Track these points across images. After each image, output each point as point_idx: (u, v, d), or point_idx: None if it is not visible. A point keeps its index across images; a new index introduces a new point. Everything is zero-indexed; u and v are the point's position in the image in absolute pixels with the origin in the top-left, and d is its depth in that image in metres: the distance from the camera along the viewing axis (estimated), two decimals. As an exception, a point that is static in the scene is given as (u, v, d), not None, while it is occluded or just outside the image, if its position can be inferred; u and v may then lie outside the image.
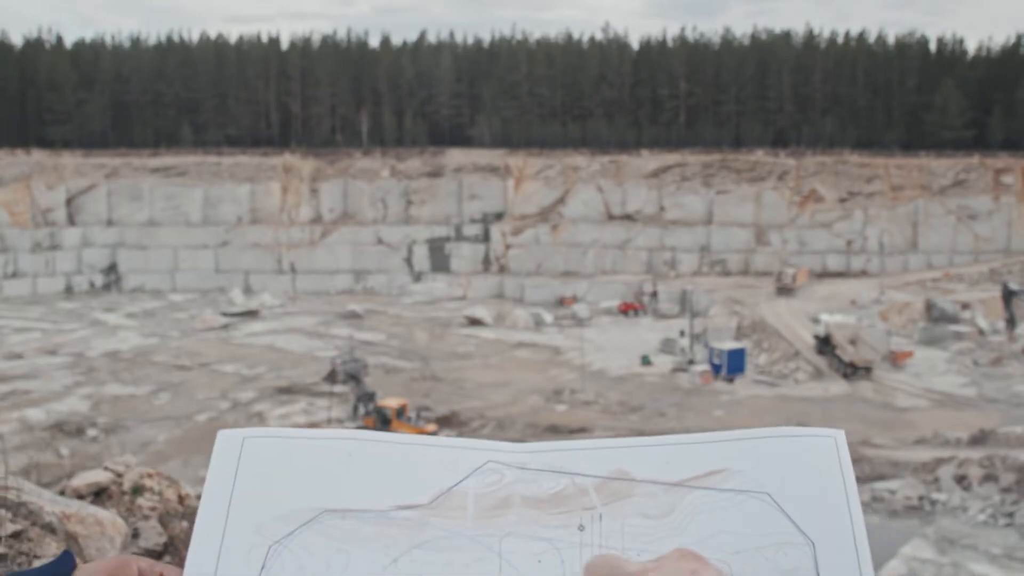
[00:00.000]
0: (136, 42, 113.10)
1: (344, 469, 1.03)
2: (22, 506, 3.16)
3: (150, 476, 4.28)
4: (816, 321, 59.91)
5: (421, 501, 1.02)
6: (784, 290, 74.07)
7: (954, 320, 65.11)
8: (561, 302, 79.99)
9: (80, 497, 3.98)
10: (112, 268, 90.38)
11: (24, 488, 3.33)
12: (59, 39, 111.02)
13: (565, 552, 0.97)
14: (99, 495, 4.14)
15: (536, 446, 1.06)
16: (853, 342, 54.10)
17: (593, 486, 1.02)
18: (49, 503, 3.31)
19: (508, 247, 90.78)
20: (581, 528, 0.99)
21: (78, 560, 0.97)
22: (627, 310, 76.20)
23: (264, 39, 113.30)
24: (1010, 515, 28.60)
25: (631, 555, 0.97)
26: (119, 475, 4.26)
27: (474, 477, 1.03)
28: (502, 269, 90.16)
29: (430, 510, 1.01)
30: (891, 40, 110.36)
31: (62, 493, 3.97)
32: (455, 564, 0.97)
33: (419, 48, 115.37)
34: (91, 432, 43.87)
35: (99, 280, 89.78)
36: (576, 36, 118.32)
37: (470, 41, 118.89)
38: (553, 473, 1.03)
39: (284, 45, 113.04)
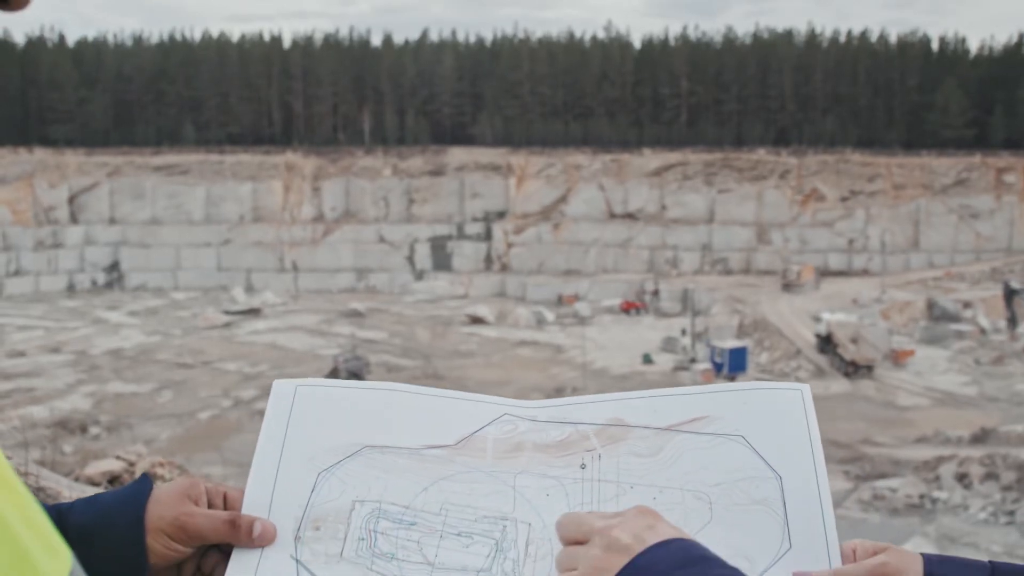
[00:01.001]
0: (138, 41, 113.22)
1: (384, 413, 1.21)
2: (41, 491, 3.24)
3: (161, 465, 4.37)
4: (817, 320, 59.96)
5: (448, 442, 1.18)
6: (789, 286, 74.54)
7: (955, 319, 65.14)
8: (563, 300, 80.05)
9: (94, 485, 4.06)
10: (114, 266, 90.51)
11: (42, 474, 3.42)
12: (61, 38, 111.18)
13: (569, 487, 1.14)
14: (112, 483, 4.22)
15: (544, 403, 1.23)
16: (854, 341, 54.15)
17: (593, 432, 1.19)
18: (67, 488, 3.39)
19: (510, 245, 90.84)
20: (583, 466, 1.16)
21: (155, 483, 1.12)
22: (629, 309, 76.23)
23: (266, 38, 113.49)
24: (1011, 513, 28.68)
25: (624, 488, 1.14)
26: (131, 463, 4.34)
27: (493, 425, 1.20)
28: (504, 267, 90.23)
29: (455, 450, 1.18)
30: (893, 39, 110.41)
31: (76, 480, 4.06)
32: (475, 494, 1.14)
33: (421, 47, 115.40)
34: (94, 430, 43.97)
35: (101, 278, 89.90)
36: (578, 35, 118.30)
37: (472, 40, 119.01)
38: (559, 424, 1.20)
39: (286, 44, 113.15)
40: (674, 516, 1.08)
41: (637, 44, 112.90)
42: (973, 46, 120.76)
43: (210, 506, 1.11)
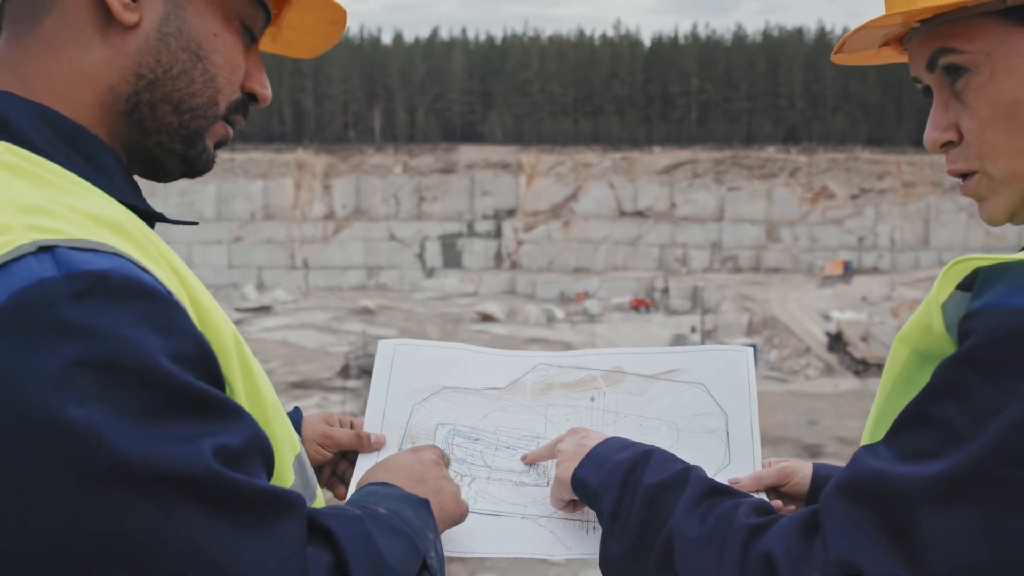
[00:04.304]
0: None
1: (456, 364, 1.69)
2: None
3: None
4: (827, 318, 60.09)
5: (500, 385, 1.67)
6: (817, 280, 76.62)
7: (965, 317, 65.20)
8: (571, 298, 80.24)
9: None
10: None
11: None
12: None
13: (583, 414, 1.63)
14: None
15: (567, 354, 1.73)
16: (864, 339, 54.26)
17: (601, 375, 1.67)
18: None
19: (520, 243, 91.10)
20: (592, 399, 1.64)
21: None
22: (638, 306, 76.41)
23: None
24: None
25: (620, 416, 1.62)
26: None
27: (531, 373, 1.69)
28: (514, 265, 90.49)
29: (505, 390, 1.67)
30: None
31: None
32: (519, 420, 1.63)
33: (431, 45, 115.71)
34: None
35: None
36: (588, 33, 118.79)
37: (482, 38, 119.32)
38: (577, 369, 1.69)
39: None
40: (653, 438, 1.54)
41: (647, 42, 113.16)
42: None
43: (341, 427, 1.63)
